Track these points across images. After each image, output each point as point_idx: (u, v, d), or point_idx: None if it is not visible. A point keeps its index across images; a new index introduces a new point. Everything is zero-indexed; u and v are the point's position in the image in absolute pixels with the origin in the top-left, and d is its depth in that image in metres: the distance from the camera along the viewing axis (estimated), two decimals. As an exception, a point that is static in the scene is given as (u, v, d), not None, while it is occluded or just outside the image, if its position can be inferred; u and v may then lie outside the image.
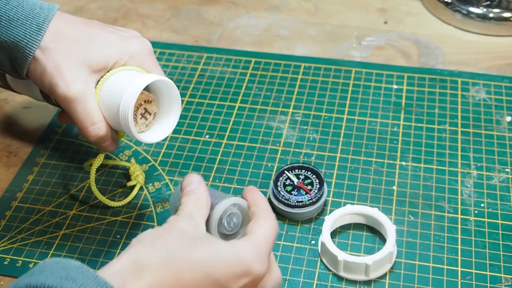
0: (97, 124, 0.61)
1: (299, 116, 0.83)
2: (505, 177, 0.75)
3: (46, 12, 0.62)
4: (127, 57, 0.63)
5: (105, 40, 0.63)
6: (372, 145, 0.79)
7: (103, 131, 0.61)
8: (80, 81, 0.60)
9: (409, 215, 0.71)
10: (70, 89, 0.60)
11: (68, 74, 0.60)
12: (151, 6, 1.04)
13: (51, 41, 0.61)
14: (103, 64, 0.62)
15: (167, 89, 0.63)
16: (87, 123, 0.61)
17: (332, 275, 0.66)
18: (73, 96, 0.60)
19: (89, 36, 0.63)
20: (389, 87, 0.87)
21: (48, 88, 0.61)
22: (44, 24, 0.61)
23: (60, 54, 0.61)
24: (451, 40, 0.95)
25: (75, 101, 0.60)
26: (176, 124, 0.64)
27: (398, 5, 1.02)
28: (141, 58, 0.64)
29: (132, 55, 0.63)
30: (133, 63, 0.64)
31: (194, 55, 0.94)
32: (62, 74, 0.60)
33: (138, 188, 0.74)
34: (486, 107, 0.83)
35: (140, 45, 0.64)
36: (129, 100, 0.59)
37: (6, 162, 0.80)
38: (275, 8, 1.03)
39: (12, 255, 0.69)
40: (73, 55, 0.61)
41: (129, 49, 0.63)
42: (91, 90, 0.61)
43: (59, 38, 0.61)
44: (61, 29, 0.62)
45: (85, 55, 0.61)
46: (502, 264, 0.66)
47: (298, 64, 0.91)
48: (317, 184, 0.71)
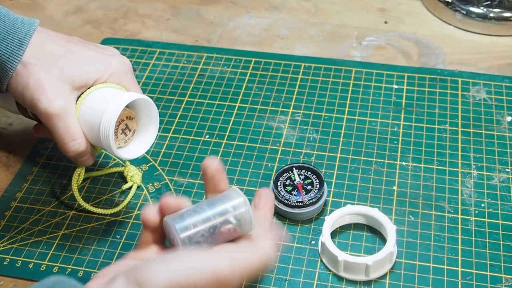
0: (77, 140, 0.62)
1: (299, 116, 0.83)
2: (506, 177, 0.74)
3: (27, 27, 0.63)
4: (108, 75, 0.65)
5: (86, 58, 0.64)
6: (372, 145, 0.79)
7: (82, 146, 0.63)
8: (62, 98, 0.61)
9: (409, 215, 0.71)
10: (53, 105, 0.61)
11: (51, 90, 0.61)
12: (151, 6, 1.04)
13: (33, 57, 0.62)
14: (85, 81, 0.63)
15: (146, 107, 0.65)
16: (67, 139, 0.62)
17: (332, 275, 0.66)
18: (55, 112, 0.61)
19: (71, 53, 0.64)
20: (389, 87, 0.87)
21: (29, 103, 0.62)
22: (26, 39, 0.62)
23: (43, 70, 0.62)
24: (451, 40, 0.95)
25: (56, 117, 0.61)
26: (153, 141, 0.66)
27: (398, 5, 1.02)
28: (120, 76, 0.65)
29: (112, 73, 0.65)
30: (113, 81, 0.65)
31: (194, 55, 0.94)
32: (45, 90, 0.61)
33: (136, 188, 0.74)
34: (486, 107, 0.83)
35: (120, 63, 0.66)
36: (111, 118, 0.60)
37: (6, 162, 0.80)
38: (275, 8, 1.03)
39: (11, 255, 0.69)
40: (55, 72, 0.62)
41: (109, 67, 0.65)
42: (72, 106, 0.62)
43: (41, 54, 0.63)
44: (43, 45, 0.63)
45: (68, 72, 0.63)
46: (502, 264, 0.66)
47: (298, 64, 0.91)
48: (317, 184, 0.71)
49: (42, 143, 0.82)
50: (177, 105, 0.86)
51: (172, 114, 0.84)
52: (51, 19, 1.02)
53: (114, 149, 0.62)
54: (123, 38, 0.97)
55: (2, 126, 0.85)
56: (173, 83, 0.89)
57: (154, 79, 0.90)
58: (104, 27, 1.00)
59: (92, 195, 0.75)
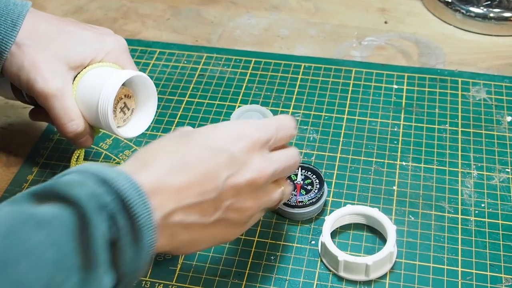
0: (75, 120, 0.62)
1: (299, 116, 0.83)
2: (506, 177, 0.74)
3: (20, 8, 0.62)
4: (103, 54, 0.64)
5: (81, 38, 0.64)
6: (372, 145, 0.79)
7: (81, 127, 0.62)
8: (58, 78, 0.61)
9: (409, 215, 0.71)
10: (49, 85, 0.61)
11: (47, 70, 0.61)
12: (151, 6, 1.04)
13: (28, 38, 0.62)
14: (80, 61, 0.63)
15: (144, 84, 0.65)
16: (65, 119, 0.62)
17: (332, 275, 0.66)
18: (52, 92, 0.61)
19: (66, 33, 0.63)
20: (389, 87, 0.87)
21: (25, 84, 0.62)
22: (19, 19, 0.62)
23: (38, 50, 0.62)
24: (451, 40, 0.95)
25: (53, 97, 0.61)
26: (153, 118, 0.66)
27: (398, 4, 1.02)
28: (116, 55, 0.65)
29: (108, 52, 0.64)
30: (109, 60, 0.65)
31: (194, 55, 0.94)
32: (41, 70, 0.61)
33: None
34: (486, 107, 0.83)
35: (116, 43, 0.66)
36: (109, 95, 0.60)
37: (6, 162, 0.80)
38: (275, 8, 1.03)
39: (11, 255, 0.69)
40: (50, 52, 0.62)
41: (105, 46, 0.64)
42: (68, 86, 0.62)
43: (36, 34, 0.62)
44: (37, 25, 0.63)
45: (63, 52, 0.62)
46: (502, 264, 0.66)
47: (298, 64, 0.91)
48: (317, 184, 0.71)
49: (42, 143, 0.82)
50: (177, 105, 0.86)
51: (172, 114, 0.84)
52: (51, 19, 1.01)
53: (114, 128, 0.61)
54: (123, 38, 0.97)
55: (2, 126, 0.85)
56: (173, 83, 0.89)
57: (154, 79, 0.90)
58: (104, 27, 0.99)
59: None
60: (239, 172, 0.52)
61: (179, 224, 0.49)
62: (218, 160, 0.51)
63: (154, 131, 0.82)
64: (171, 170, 0.49)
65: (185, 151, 0.51)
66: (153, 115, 0.66)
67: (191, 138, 0.53)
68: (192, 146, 0.52)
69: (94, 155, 0.79)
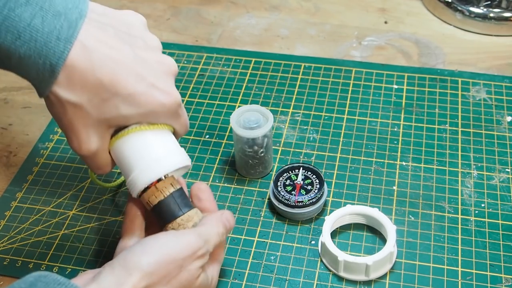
0: (103, 168, 0.59)
1: (299, 116, 0.83)
2: (506, 177, 0.74)
3: (62, 46, 0.51)
4: (151, 118, 0.57)
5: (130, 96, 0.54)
6: (372, 145, 0.79)
7: (106, 171, 0.60)
8: (94, 141, 0.56)
9: (409, 215, 0.71)
10: (83, 148, 0.56)
11: (83, 133, 0.55)
12: (151, 6, 1.04)
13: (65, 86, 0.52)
14: (123, 123, 0.56)
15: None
16: (94, 168, 0.59)
17: (332, 275, 0.66)
18: (84, 154, 0.57)
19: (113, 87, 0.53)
20: (389, 87, 0.87)
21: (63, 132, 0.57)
22: (59, 63, 0.51)
23: (75, 109, 0.53)
24: (451, 40, 0.95)
25: (86, 157, 0.57)
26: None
27: (398, 5, 1.02)
28: (165, 118, 0.58)
29: (156, 115, 0.57)
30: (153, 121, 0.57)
31: (194, 55, 0.94)
32: (76, 133, 0.55)
33: None
34: (486, 107, 0.83)
35: (168, 101, 0.56)
36: (137, 185, 0.57)
37: (6, 162, 0.80)
38: (275, 8, 1.03)
39: (11, 255, 0.69)
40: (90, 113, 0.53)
41: (154, 108, 0.56)
42: (104, 147, 0.57)
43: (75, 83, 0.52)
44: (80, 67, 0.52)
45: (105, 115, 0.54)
46: (502, 264, 0.66)
47: (298, 64, 0.91)
48: (317, 184, 0.71)
49: (42, 143, 0.82)
50: (177, 105, 0.86)
51: (172, 114, 0.84)
52: (51, 19, 1.01)
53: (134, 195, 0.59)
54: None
55: (2, 126, 0.85)
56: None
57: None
58: (104, 27, 1.00)
59: (92, 195, 0.75)
60: None
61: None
62: None
63: (154, 131, 0.82)
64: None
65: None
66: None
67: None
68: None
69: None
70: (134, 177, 0.57)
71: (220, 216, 0.60)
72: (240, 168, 0.76)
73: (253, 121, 0.72)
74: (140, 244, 0.54)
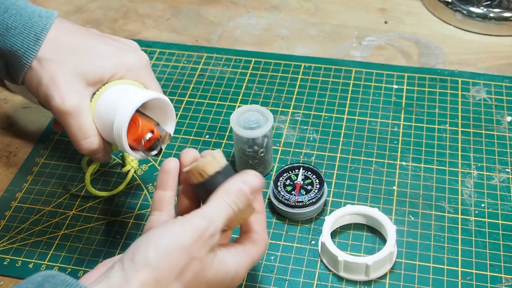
0: (89, 138, 0.61)
1: (299, 116, 0.83)
2: (506, 177, 0.74)
3: (44, 21, 0.62)
4: (124, 70, 0.63)
5: (102, 52, 0.63)
6: (372, 145, 0.79)
7: (95, 144, 0.62)
8: (75, 95, 0.60)
9: (409, 215, 0.71)
10: (65, 103, 0.60)
11: (64, 87, 0.60)
12: (151, 6, 1.04)
13: (49, 51, 0.61)
14: (100, 77, 0.62)
15: (162, 104, 0.63)
16: (80, 137, 0.61)
17: (332, 275, 0.66)
18: (67, 110, 0.60)
19: (87, 47, 0.63)
20: (389, 87, 0.87)
21: (43, 99, 0.62)
22: (42, 33, 0.61)
23: (57, 65, 0.61)
24: (451, 40, 0.95)
25: (69, 115, 0.60)
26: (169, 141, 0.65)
27: (398, 4, 1.02)
28: (137, 72, 0.64)
29: (129, 68, 0.63)
30: (129, 76, 0.64)
31: (194, 55, 0.94)
32: (57, 86, 0.60)
33: (133, 172, 0.75)
34: (486, 107, 0.83)
35: (137, 58, 0.64)
36: (124, 119, 0.59)
37: (6, 162, 0.80)
38: (275, 8, 1.03)
39: (11, 255, 0.69)
40: (70, 67, 0.61)
41: (125, 62, 0.63)
42: (86, 104, 0.61)
43: (56, 47, 0.62)
44: (59, 38, 0.62)
45: (82, 67, 0.61)
46: (502, 264, 0.66)
47: (298, 64, 0.91)
48: (317, 184, 0.71)
49: (42, 143, 0.82)
50: (177, 105, 0.86)
51: (172, 114, 0.84)
52: (51, 19, 1.02)
53: (127, 149, 0.60)
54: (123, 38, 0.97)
55: (2, 126, 0.85)
56: (173, 83, 0.89)
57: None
58: (104, 27, 1.00)
59: (92, 195, 0.75)
60: None
61: None
62: None
63: (154, 131, 0.82)
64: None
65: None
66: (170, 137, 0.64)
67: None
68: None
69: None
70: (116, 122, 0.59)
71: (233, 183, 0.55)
72: (240, 168, 0.76)
73: (253, 121, 0.72)
74: (145, 237, 0.52)
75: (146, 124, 0.61)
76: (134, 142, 0.61)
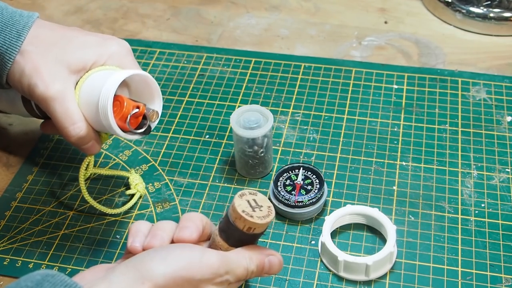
0: (77, 123, 0.61)
1: (299, 116, 0.83)
2: (506, 177, 0.74)
3: (25, 19, 0.63)
4: (106, 58, 0.64)
5: (83, 42, 0.64)
6: (372, 145, 0.79)
7: (83, 130, 0.61)
8: (59, 81, 0.61)
9: (409, 215, 0.71)
10: (49, 88, 0.60)
11: (47, 74, 0.61)
12: (151, 6, 1.04)
13: (30, 44, 0.62)
14: (82, 64, 0.62)
15: (147, 84, 0.64)
16: (67, 123, 0.61)
17: (332, 275, 0.66)
18: (52, 96, 0.60)
19: (67, 38, 0.63)
20: (389, 87, 0.87)
21: (27, 90, 0.62)
22: (24, 30, 0.62)
23: (38, 55, 0.62)
24: (451, 40, 0.95)
25: (54, 101, 0.60)
26: (158, 120, 0.64)
27: (398, 5, 1.02)
28: (120, 59, 0.64)
29: (110, 56, 0.64)
30: (112, 63, 0.64)
31: (194, 55, 0.94)
32: (41, 74, 0.61)
33: (138, 197, 0.74)
34: (486, 107, 0.83)
35: (118, 46, 0.65)
36: (108, 93, 0.59)
37: (6, 162, 0.80)
38: (275, 8, 1.03)
39: (11, 255, 0.69)
40: (51, 56, 0.62)
41: (107, 49, 0.64)
42: (70, 90, 0.61)
43: (37, 41, 0.62)
44: (40, 33, 0.63)
45: (64, 55, 0.62)
46: (502, 264, 0.66)
47: (298, 64, 0.91)
48: (317, 184, 0.71)
49: (42, 143, 0.82)
50: (177, 105, 0.86)
51: (172, 114, 0.84)
52: (51, 19, 1.01)
53: (115, 127, 0.60)
54: (123, 38, 0.97)
55: (2, 126, 0.85)
56: (173, 83, 0.89)
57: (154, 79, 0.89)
58: (104, 27, 1.00)
59: (92, 195, 0.75)
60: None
61: None
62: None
63: (154, 131, 0.82)
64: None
65: None
66: (159, 116, 0.64)
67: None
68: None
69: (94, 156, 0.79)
70: (101, 100, 0.59)
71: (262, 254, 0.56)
72: (240, 168, 0.76)
73: (253, 121, 0.72)
74: (162, 251, 0.52)
75: (130, 102, 0.62)
76: (121, 122, 0.61)
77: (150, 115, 0.63)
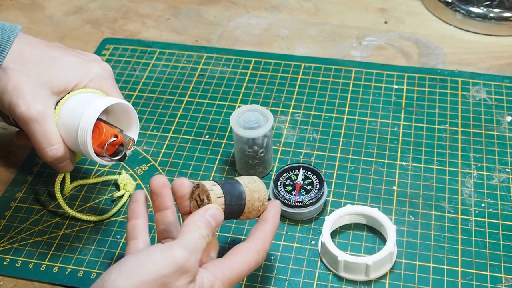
0: (55, 145, 0.62)
1: (299, 116, 0.83)
2: (506, 177, 0.74)
3: (8, 34, 0.63)
4: (88, 80, 0.64)
5: (66, 63, 0.64)
6: (372, 145, 0.79)
7: (60, 152, 0.62)
8: (40, 102, 0.61)
9: (409, 215, 0.71)
10: (30, 109, 0.61)
11: (29, 94, 0.61)
12: (151, 6, 1.04)
13: (13, 62, 0.62)
14: (64, 86, 0.63)
15: (125, 112, 0.65)
16: (45, 144, 0.61)
17: (332, 275, 0.66)
18: (33, 117, 0.61)
19: (51, 58, 0.64)
20: (389, 87, 0.87)
21: (7, 108, 0.62)
22: (6, 45, 0.62)
23: (22, 74, 0.62)
24: (451, 40, 0.95)
25: (34, 122, 0.61)
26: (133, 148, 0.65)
27: (398, 5, 1.02)
28: (101, 82, 0.65)
29: (92, 78, 0.64)
30: (93, 86, 0.64)
31: (194, 55, 0.94)
32: (23, 94, 0.61)
33: (128, 197, 0.74)
34: (486, 107, 0.83)
35: (101, 69, 0.65)
36: (88, 122, 0.60)
37: (6, 162, 0.80)
38: (275, 8, 1.03)
39: (11, 255, 0.69)
40: (34, 76, 0.62)
41: (89, 72, 0.64)
42: (50, 111, 0.62)
43: (21, 59, 0.62)
44: (23, 50, 0.63)
45: (47, 76, 0.62)
46: (502, 264, 0.66)
47: (298, 64, 0.91)
48: (317, 184, 0.71)
49: (42, 143, 0.82)
50: (177, 105, 0.86)
51: (172, 114, 0.84)
52: (51, 19, 1.02)
53: (92, 155, 0.61)
54: (123, 38, 0.97)
55: (2, 126, 0.85)
56: (173, 83, 0.89)
57: (154, 79, 0.90)
58: (104, 27, 1.00)
59: (92, 195, 0.75)
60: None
61: None
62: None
63: (154, 131, 0.82)
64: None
65: None
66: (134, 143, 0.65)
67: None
68: None
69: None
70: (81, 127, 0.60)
71: (202, 216, 0.56)
72: (240, 168, 0.76)
73: (253, 121, 0.72)
74: (118, 265, 0.52)
75: (109, 130, 0.62)
76: (98, 148, 0.62)
77: (127, 143, 0.64)
